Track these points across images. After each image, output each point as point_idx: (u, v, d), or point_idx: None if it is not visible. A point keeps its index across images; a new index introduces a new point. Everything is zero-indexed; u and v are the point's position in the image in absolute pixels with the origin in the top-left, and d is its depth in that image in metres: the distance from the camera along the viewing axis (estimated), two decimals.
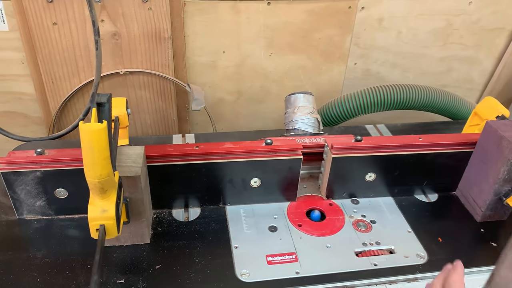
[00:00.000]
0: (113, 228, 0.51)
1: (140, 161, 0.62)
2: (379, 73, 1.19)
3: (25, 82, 1.01)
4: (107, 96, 0.50)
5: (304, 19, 1.05)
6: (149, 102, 1.07)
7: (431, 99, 1.03)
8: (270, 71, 1.13)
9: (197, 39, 1.03)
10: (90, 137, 0.44)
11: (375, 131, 0.97)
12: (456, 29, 1.14)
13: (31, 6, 0.89)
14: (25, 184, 0.66)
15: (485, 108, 0.80)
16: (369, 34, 1.11)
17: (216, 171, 0.70)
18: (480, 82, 1.27)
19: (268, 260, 0.65)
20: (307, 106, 0.81)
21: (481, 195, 0.73)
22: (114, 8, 0.92)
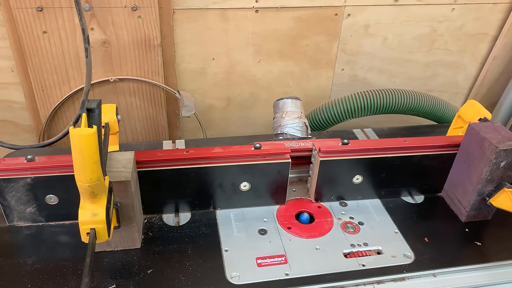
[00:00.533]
0: (103, 232, 0.51)
1: (130, 166, 0.62)
2: (366, 79, 1.21)
3: (15, 90, 1.02)
4: (97, 102, 0.51)
5: (291, 26, 1.07)
6: (140, 109, 1.07)
7: (417, 103, 1.05)
8: (259, 78, 1.14)
9: (187, 47, 1.05)
10: (80, 142, 0.45)
11: (363, 135, 0.99)
12: (440, 35, 1.17)
13: (21, 15, 0.90)
14: (16, 190, 0.66)
15: (468, 111, 0.82)
16: (355, 40, 1.13)
17: (206, 175, 0.71)
18: (465, 87, 1.30)
19: (258, 262, 0.66)
20: (295, 111, 0.83)
21: (465, 196, 0.75)
22: (103, 17, 0.93)
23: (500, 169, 0.69)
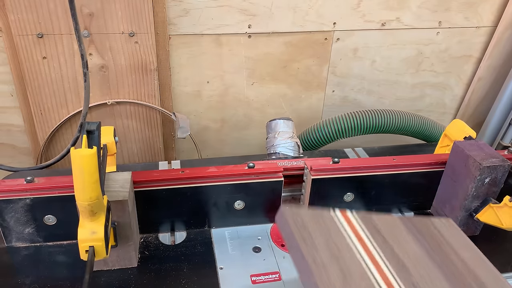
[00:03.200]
0: (102, 249, 0.53)
1: (127, 186, 0.64)
2: (356, 100, 1.25)
3: (14, 114, 1.04)
4: (96, 124, 0.54)
5: (283, 50, 1.11)
6: (136, 131, 1.10)
7: (406, 123, 1.09)
8: (253, 100, 1.18)
9: (182, 71, 1.08)
10: (81, 162, 0.47)
11: (354, 154, 1.02)
12: (426, 57, 1.21)
13: (22, 42, 0.93)
14: (15, 211, 0.68)
15: (454, 130, 0.85)
16: (345, 63, 1.17)
17: (201, 194, 0.73)
18: (452, 107, 1.34)
19: (252, 279, 0.67)
20: (287, 131, 0.86)
21: (453, 212, 0.77)
22: (102, 42, 0.97)
23: (485, 185, 0.71)
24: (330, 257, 0.52)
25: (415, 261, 0.56)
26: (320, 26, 1.09)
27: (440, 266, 0.56)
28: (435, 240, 0.60)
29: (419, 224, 0.62)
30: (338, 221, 0.59)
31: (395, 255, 0.56)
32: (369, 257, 0.54)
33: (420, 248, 0.58)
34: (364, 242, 0.56)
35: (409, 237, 0.60)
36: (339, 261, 0.52)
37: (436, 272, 0.55)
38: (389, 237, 0.58)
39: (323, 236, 0.55)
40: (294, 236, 0.53)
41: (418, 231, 0.61)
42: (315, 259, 0.51)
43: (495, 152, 0.72)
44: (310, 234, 0.54)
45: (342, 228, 0.57)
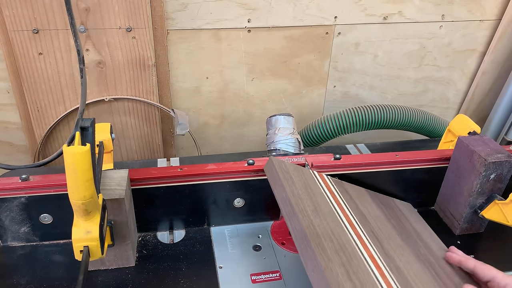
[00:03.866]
0: (97, 249, 0.52)
1: (124, 184, 0.63)
2: (358, 95, 1.23)
3: (11, 111, 1.03)
4: (90, 120, 0.52)
5: (283, 45, 1.09)
6: (134, 127, 1.08)
7: (409, 118, 1.07)
8: (253, 95, 1.16)
9: (181, 66, 1.07)
10: (74, 160, 0.45)
11: (355, 150, 1.00)
12: (429, 52, 1.19)
13: (17, 37, 0.91)
14: (10, 210, 0.67)
15: (458, 125, 0.84)
16: (346, 58, 1.15)
17: (200, 192, 0.72)
18: (455, 102, 1.32)
19: (252, 279, 0.66)
20: (288, 127, 0.84)
21: (457, 209, 0.75)
22: (98, 38, 0.95)
23: (490, 182, 0.70)
24: (306, 194, 0.62)
25: (375, 218, 0.66)
26: (321, 20, 1.07)
27: (395, 227, 0.67)
28: (394, 211, 0.72)
29: (382, 198, 0.74)
30: (315, 177, 0.70)
31: (359, 209, 0.66)
32: (337, 204, 0.64)
33: (380, 212, 0.69)
34: (334, 194, 0.67)
35: (372, 203, 0.71)
36: (312, 198, 0.62)
37: (391, 229, 0.65)
38: (356, 198, 0.69)
39: (302, 181, 0.65)
40: (279, 175, 0.64)
41: (381, 202, 0.72)
42: (293, 191, 0.61)
43: (500, 147, 0.71)
44: (292, 177, 0.65)
45: (317, 181, 0.68)
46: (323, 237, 0.54)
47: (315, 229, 0.55)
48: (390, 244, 0.61)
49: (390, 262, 0.57)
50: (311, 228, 0.54)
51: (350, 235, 0.58)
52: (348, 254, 0.53)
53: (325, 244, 0.53)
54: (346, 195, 0.68)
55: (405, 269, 0.57)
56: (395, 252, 0.60)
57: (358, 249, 0.56)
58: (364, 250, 0.56)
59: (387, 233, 0.64)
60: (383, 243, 0.60)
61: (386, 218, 0.68)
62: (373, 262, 0.55)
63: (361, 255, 0.55)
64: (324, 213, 0.59)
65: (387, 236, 0.63)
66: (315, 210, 0.59)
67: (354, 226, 0.61)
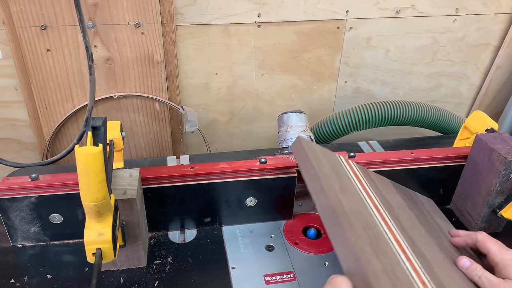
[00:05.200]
0: (109, 252, 0.50)
1: (135, 183, 0.62)
2: (369, 91, 1.21)
3: (19, 108, 1.02)
4: (102, 119, 0.51)
5: (293, 40, 1.07)
6: (143, 125, 1.07)
7: (422, 114, 1.05)
8: (262, 91, 1.14)
9: (190, 62, 1.05)
10: (86, 161, 0.44)
11: (368, 147, 0.98)
12: (442, 46, 1.17)
13: (24, 34, 0.90)
14: (20, 210, 0.66)
15: (475, 122, 0.81)
16: (357, 53, 1.13)
17: (212, 191, 0.70)
18: (469, 97, 1.29)
19: (266, 280, 0.65)
20: (300, 125, 0.82)
21: (475, 208, 0.74)
22: (107, 34, 0.94)
23: (510, 180, 0.68)
24: (334, 174, 0.61)
25: (399, 206, 0.65)
26: (332, 14, 1.05)
27: (418, 218, 0.66)
28: (416, 204, 0.71)
29: (405, 190, 0.73)
30: (341, 160, 0.69)
31: (383, 196, 0.65)
32: (362, 188, 0.63)
33: (404, 202, 0.68)
34: (359, 178, 0.66)
35: (396, 193, 0.70)
36: (339, 179, 0.61)
37: (414, 219, 0.65)
38: (380, 186, 0.68)
39: (329, 162, 0.64)
40: (308, 154, 0.63)
41: (404, 193, 0.72)
42: (321, 170, 0.60)
43: None
44: (319, 158, 0.63)
45: (343, 165, 0.68)
46: (351, 215, 0.52)
47: (342, 206, 0.53)
48: (415, 232, 0.60)
49: (415, 248, 0.56)
50: (339, 205, 0.53)
51: (376, 218, 0.57)
52: (375, 234, 0.52)
53: (353, 222, 0.51)
54: (371, 181, 0.67)
55: (430, 256, 0.56)
56: (419, 240, 0.59)
57: (384, 232, 0.55)
58: (389, 233, 0.55)
59: (411, 222, 0.62)
60: (407, 230, 0.59)
61: (410, 208, 0.67)
62: (399, 245, 0.54)
63: (387, 238, 0.54)
64: (352, 194, 0.58)
65: (411, 224, 0.62)
66: (342, 190, 0.58)
67: (379, 210, 0.60)
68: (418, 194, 0.76)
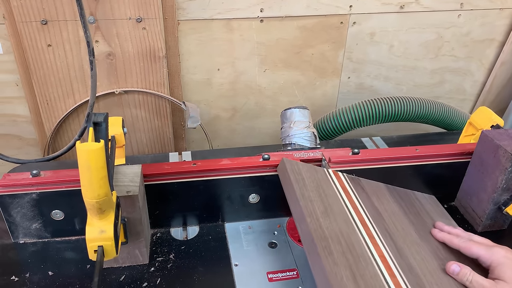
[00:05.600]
0: (111, 249, 0.50)
1: (137, 180, 0.61)
2: (372, 87, 1.20)
3: (20, 104, 1.01)
4: (103, 115, 0.50)
5: (296, 35, 1.06)
6: (145, 121, 1.07)
7: (426, 110, 1.04)
8: (265, 87, 1.13)
9: (192, 58, 1.04)
10: (88, 157, 0.43)
11: (371, 143, 0.97)
12: (447, 42, 1.16)
13: (25, 29, 0.89)
14: (21, 206, 0.65)
15: (480, 118, 0.81)
16: (361, 48, 1.12)
17: (214, 188, 0.70)
18: (473, 93, 1.28)
19: (269, 277, 0.64)
20: (303, 121, 0.82)
21: (480, 205, 0.73)
22: (108, 29, 0.93)
23: None
24: (317, 196, 0.61)
25: (391, 214, 0.64)
26: (335, 9, 1.04)
27: (412, 223, 0.65)
28: (413, 205, 0.70)
29: (402, 193, 0.72)
30: (330, 176, 0.68)
31: (374, 206, 0.64)
32: (350, 203, 0.63)
33: (398, 208, 0.67)
34: (348, 193, 0.65)
35: (390, 199, 0.69)
36: (323, 200, 0.61)
37: (408, 225, 0.64)
38: (372, 195, 0.67)
39: (314, 182, 0.64)
40: (290, 177, 0.63)
41: (400, 196, 0.71)
42: (303, 194, 0.60)
43: None
44: (304, 179, 0.64)
45: (331, 181, 0.67)
46: (331, 239, 0.54)
47: (323, 231, 0.55)
48: (405, 241, 0.60)
49: (403, 261, 0.56)
50: (319, 231, 0.54)
51: (360, 235, 0.57)
52: (356, 255, 0.53)
53: (332, 247, 0.53)
54: (362, 192, 0.67)
55: (419, 267, 0.56)
56: (410, 250, 0.59)
57: (368, 249, 0.55)
58: (374, 249, 0.56)
59: (403, 230, 0.62)
60: (397, 241, 0.59)
61: (404, 213, 0.67)
62: (383, 262, 0.54)
63: (370, 256, 0.54)
64: (335, 214, 0.59)
65: (403, 233, 0.61)
66: (326, 211, 0.59)
67: (366, 225, 0.60)
68: (417, 193, 0.75)
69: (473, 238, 0.61)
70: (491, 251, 0.57)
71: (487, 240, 0.61)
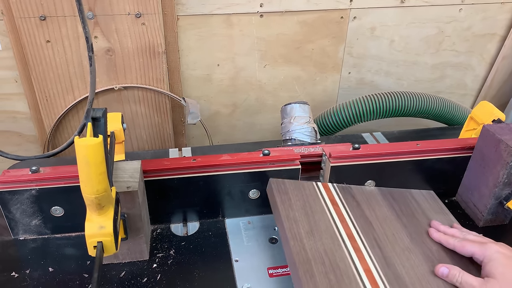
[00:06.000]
0: (111, 245, 0.50)
1: (137, 175, 0.61)
2: (373, 82, 1.19)
3: (19, 100, 1.01)
4: (102, 110, 0.50)
5: (297, 30, 1.06)
6: (145, 117, 1.06)
7: (427, 105, 1.03)
8: (265, 83, 1.13)
9: (191, 53, 1.04)
10: (86, 152, 0.43)
11: (372, 139, 0.97)
12: (448, 36, 1.15)
13: (24, 25, 0.89)
14: (20, 203, 0.65)
15: (481, 113, 0.80)
16: (362, 43, 1.11)
17: (214, 183, 0.70)
18: (474, 88, 1.28)
19: (269, 272, 0.64)
20: (303, 116, 0.81)
21: (481, 200, 0.73)
22: (107, 24, 0.92)
23: None
24: (304, 214, 0.63)
25: (382, 221, 0.65)
26: (336, 3, 1.03)
27: (405, 226, 0.65)
28: (408, 207, 0.70)
29: (397, 194, 0.72)
30: (318, 189, 0.69)
31: (364, 215, 0.65)
32: (338, 217, 0.64)
33: (391, 212, 0.67)
34: (337, 205, 0.66)
35: (382, 204, 0.69)
36: (310, 218, 0.62)
37: (400, 230, 0.64)
38: (363, 203, 0.68)
39: (301, 200, 0.66)
40: (276, 199, 0.65)
41: (394, 199, 0.71)
42: (288, 215, 0.62)
43: None
44: (290, 198, 0.65)
45: (319, 195, 0.68)
46: (313, 261, 0.55)
47: (306, 253, 0.56)
48: (395, 249, 0.61)
49: (390, 271, 0.57)
50: (302, 253, 0.56)
51: (346, 250, 0.59)
52: (340, 274, 0.54)
53: (315, 269, 0.54)
54: (353, 201, 0.68)
55: (407, 275, 0.57)
56: (399, 257, 0.59)
57: (353, 265, 0.56)
58: (360, 264, 0.57)
59: (393, 236, 0.63)
60: (385, 250, 0.60)
61: (397, 217, 0.67)
62: (368, 276, 0.55)
63: (355, 271, 0.55)
64: (321, 232, 0.60)
65: (393, 240, 0.62)
66: (311, 231, 0.60)
67: (353, 238, 0.61)
68: (414, 191, 0.74)
69: (468, 237, 0.61)
70: (484, 247, 0.57)
71: (482, 237, 0.61)
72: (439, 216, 0.69)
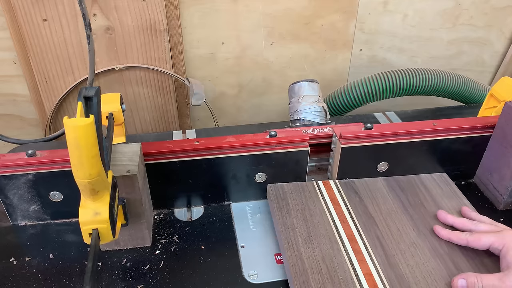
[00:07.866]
0: (107, 232, 0.47)
1: (136, 159, 0.58)
2: (385, 59, 1.14)
3: (18, 82, 0.98)
4: (95, 89, 0.46)
5: (305, 5, 1.00)
6: (148, 98, 1.03)
7: (443, 83, 0.98)
8: (272, 62, 1.08)
9: (195, 31, 0.99)
10: (76, 134, 0.40)
11: (385, 118, 0.93)
12: (465, 9, 1.09)
13: (19, 3, 0.85)
14: (17, 188, 0.63)
15: (502, 89, 0.75)
16: (374, 18, 1.06)
17: (219, 166, 0.66)
18: (492, 64, 1.22)
19: (277, 259, 0.61)
20: (313, 95, 0.77)
21: (502, 182, 0.68)
22: (106, 1, 0.88)
23: None
24: (302, 220, 0.61)
25: (387, 215, 0.63)
26: None
27: (412, 218, 0.62)
28: (417, 195, 0.67)
29: (404, 182, 0.69)
30: (319, 189, 0.67)
31: (367, 212, 0.63)
32: (339, 217, 0.62)
33: (397, 204, 0.65)
34: (338, 205, 0.64)
35: (388, 196, 0.66)
36: (308, 223, 0.61)
37: (406, 224, 0.61)
38: (367, 198, 0.66)
39: (300, 204, 0.64)
40: (274, 205, 0.64)
41: (401, 188, 0.68)
42: (285, 223, 0.61)
43: None
44: (288, 204, 0.64)
45: (320, 195, 0.66)
46: (310, 271, 0.54)
47: (303, 264, 0.55)
48: (400, 246, 0.58)
49: (392, 272, 0.54)
50: (298, 264, 0.55)
51: (346, 255, 0.57)
52: (338, 281, 0.53)
53: (311, 280, 0.53)
54: (355, 198, 0.66)
55: (411, 274, 0.54)
56: (404, 255, 0.57)
57: (352, 270, 0.55)
58: (360, 268, 0.55)
59: (398, 231, 0.60)
60: (388, 249, 0.58)
61: (404, 209, 0.64)
62: (368, 280, 0.53)
63: (354, 277, 0.54)
64: (319, 237, 0.59)
65: (398, 236, 0.60)
66: (309, 237, 0.59)
67: (355, 239, 0.59)
68: (424, 176, 0.71)
69: (480, 228, 0.57)
70: (501, 235, 0.54)
71: (494, 223, 0.58)
72: (451, 201, 0.66)
